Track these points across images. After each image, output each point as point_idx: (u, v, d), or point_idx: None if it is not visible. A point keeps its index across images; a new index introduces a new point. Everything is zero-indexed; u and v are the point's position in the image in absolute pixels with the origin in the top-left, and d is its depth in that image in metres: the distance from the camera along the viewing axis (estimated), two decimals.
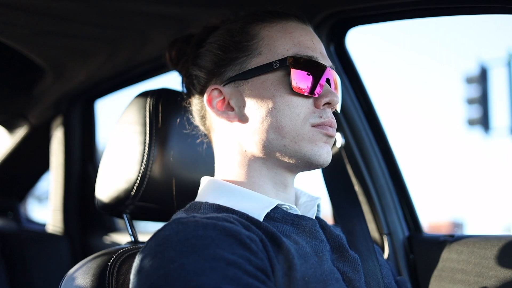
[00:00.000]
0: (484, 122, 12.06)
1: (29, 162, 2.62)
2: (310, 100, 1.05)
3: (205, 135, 1.23)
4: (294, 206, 1.08)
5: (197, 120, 1.22)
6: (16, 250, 2.11)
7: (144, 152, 1.21)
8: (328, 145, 1.07)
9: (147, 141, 1.21)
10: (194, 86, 1.18)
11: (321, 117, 1.05)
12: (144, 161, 1.21)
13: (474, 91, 12.16)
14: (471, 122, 12.26)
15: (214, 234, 0.86)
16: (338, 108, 1.15)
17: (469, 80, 12.20)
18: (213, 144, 1.18)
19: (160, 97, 1.25)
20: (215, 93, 1.11)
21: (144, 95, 1.27)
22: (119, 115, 1.30)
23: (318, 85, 1.05)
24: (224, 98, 1.11)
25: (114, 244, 2.19)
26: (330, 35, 1.50)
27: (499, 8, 1.22)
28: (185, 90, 1.25)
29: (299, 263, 0.92)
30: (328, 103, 1.06)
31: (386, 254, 1.49)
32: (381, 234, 1.51)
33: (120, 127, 1.27)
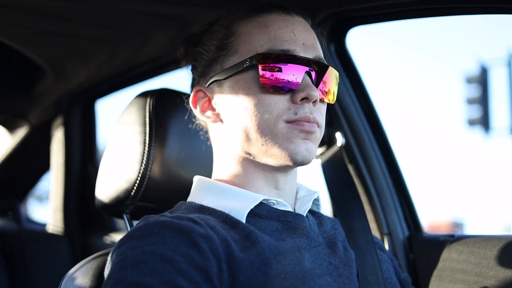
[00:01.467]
0: (484, 122, 12.07)
1: (29, 162, 2.62)
2: (286, 97, 1.01)
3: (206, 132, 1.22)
4: (282, 201, 1.06)
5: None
6: (16, 250, 2.11)
7: (144, 152, 1.21)
8: (309, 142, 1.02)
9: (147, 141, 1.21)
10: (193, 86, 1.19)
11: (296, 113, 1.00)
12: (144, 161, 1.21)
13: (474, 91, 12.18)
14: (471, 122, 12.27)
15: (167, 232, 0.89)
16: (331, 100, 1.09)
17: (469, 80, 12.22)
18: (211, 143, 1.18)
19: (160, 97, 1.25)
20: (201, 94, 1.11)
21: (144, 95, 1.27)
22: (119, 115, 1.30)
23: (292, 80, 1.00)
24: (209, 99, 1.10)
25: (114, 244, 2.19)
26: (330, 35, 1.49)
27: (499, 8, 1.22)
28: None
29: (276, 260, 0.93)
30: (306, 98, 1.01)
31: None
32: (381, 234, 1.51)
33: (120, 127, 1.27)
